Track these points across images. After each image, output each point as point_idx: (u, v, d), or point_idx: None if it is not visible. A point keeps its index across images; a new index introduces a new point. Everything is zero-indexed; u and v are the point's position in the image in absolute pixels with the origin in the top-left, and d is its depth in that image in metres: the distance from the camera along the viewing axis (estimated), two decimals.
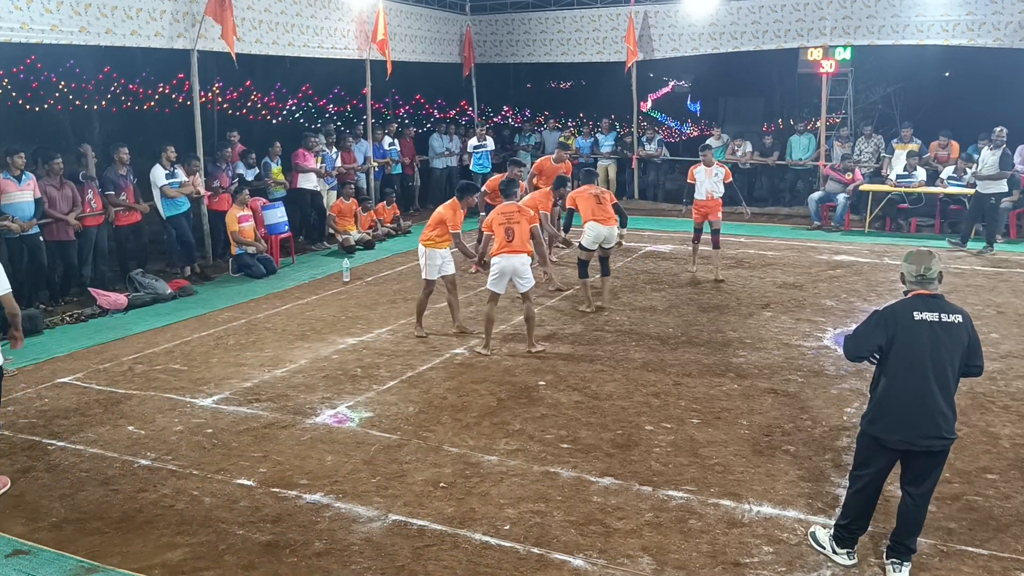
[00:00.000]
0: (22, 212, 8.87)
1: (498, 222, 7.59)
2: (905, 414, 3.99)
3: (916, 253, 4.16)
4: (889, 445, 4.05)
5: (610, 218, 8.81)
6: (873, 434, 4.10)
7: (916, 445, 3.99)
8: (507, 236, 7.51)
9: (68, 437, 5.92)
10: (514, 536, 4.54)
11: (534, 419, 6.12)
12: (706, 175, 10.28)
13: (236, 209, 11.03)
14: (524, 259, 7.56)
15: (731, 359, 7.41)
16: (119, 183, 10.13)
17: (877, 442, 4.09)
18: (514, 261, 7.49)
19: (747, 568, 4.23)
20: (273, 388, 6.84)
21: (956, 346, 4.00)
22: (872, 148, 14.15)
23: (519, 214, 7.66)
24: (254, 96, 17.30)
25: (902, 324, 4.00)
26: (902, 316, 4.02)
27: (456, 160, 16.39)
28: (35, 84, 15.06)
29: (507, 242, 7.50)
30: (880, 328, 4.05)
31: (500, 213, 7.66)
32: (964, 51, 14.31)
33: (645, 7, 15.53)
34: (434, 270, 8.05)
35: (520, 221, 7.60)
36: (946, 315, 4.01)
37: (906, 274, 4.14)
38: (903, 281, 4.19)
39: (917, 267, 4.09)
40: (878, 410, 4.07)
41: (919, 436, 3.98)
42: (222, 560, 4.36)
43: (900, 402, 4.00)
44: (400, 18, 14.84)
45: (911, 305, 4.05)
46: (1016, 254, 11.66)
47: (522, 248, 7.54)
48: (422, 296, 8.24)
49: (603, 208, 8.81)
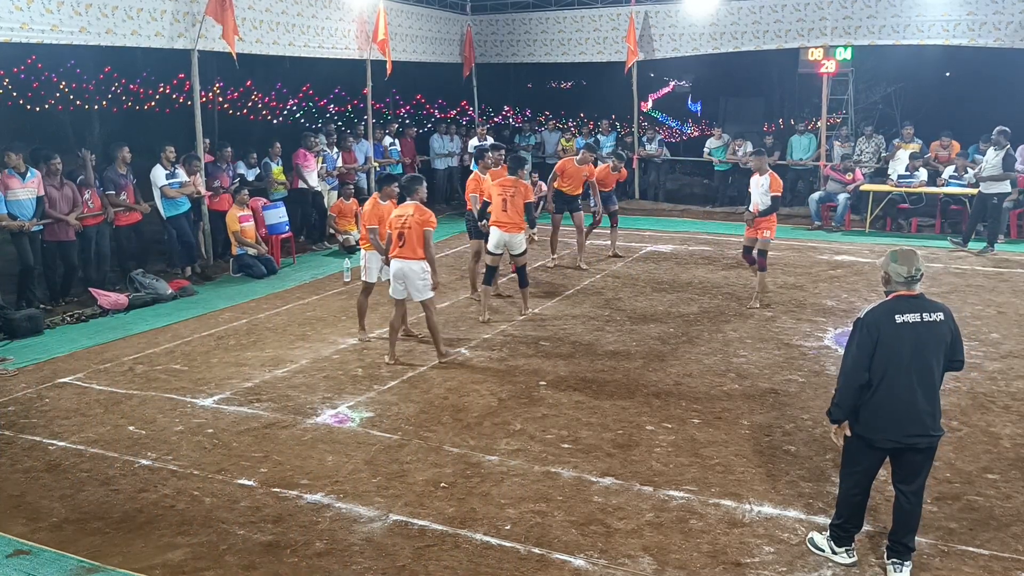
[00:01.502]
0: (24, 209, 8.86)
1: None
2: (891, 415, 4.00)
3: (902, 253, 4.08)
4: (876, 444, 4.07)
5: (514, 225, 8.56)
6: (860, 433, 4.10)
7: (903, 443, 4.02)
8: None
9: (68, 437, 5.92)
10: (515, 536, 4.54)
11: (535, 419, 6.12)
12: (754, 184, 9.04)
13: (236, 209, 11.03)
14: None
15: (732, 359, 7.41)
16: (119, 183, 10.13)
17: (864, 441, 4.10)
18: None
19: (748, 568, 4.23)
20: (274, 388, 6.84)
21: (939, 344, 4.01)
22: (872, 148, 14.15)
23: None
24: (255, 96, 17.32)
25: (884, 329, 3.97)
26: (884, 322, 3.98)
27: (457, 160, 16.39)
28: (35, 84, 15.08)
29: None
30: (865, 338, 3.99)
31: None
32: (965, 51, 14.31)
33: (645, 7, 15.52)
34: (372, 272, 7.91)
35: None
36: (928, 314, 3.99)
37: (892, 275, 4.07)
38: (886, 282, 4.13)
39: (908, 268, 4.02)
40: (864, 411, 4.06)
41: (905, 435, 4.00)
42: (223, 560, 4.36)
43: (885, 404, 4.00)
44: (401, 18, 14.84)
45: (893, 308, 4.01)
46: (1017, 254, 11.65)
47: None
48: (360, 297, 8.09)
49: (508, 212, 8.56)
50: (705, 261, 11.51)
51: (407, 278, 7.25)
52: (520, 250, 8.68)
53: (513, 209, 8.55)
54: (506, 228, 8.57)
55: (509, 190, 8.57)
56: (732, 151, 15.57)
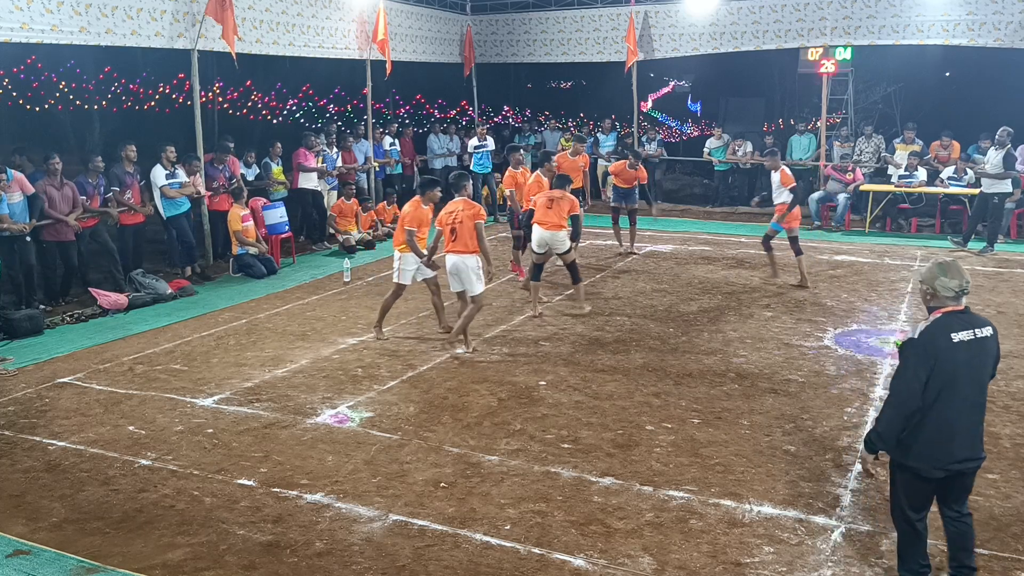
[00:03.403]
0: (12, 213, 8.80)
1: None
2: (941, 441, 3.69)
3: (950, 266, 3.71)
4: (924, 474, 3.75)
5: (556, 224, 8.79)
6: (909, 465, 3.76)
7: (952, 469, 3.73)
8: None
9: (68, 437, 5.92)
10: (515, 536, 4.54)
11: (535, 419, 6.12)
12: (773, 182, 10.09)
13: (238, 209, 11.03)
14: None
15: (732, 359, 7.41)
16: (125, 180, 10.14)
17: (911, 473, 3.77)
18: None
19: (748, 568, 4.23)
20: (274, 388, 6.84)
21: (989, 360, 3.77)
22: (872, 148, 14.15)
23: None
24: (254, 96, 17.31)
25: (943, 351, 3.62)
26: (941, 341, 3.63)
27: (456, 160, 16.38)
28: (35, 84, 15.08)
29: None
30: (922, 361, 3.64)
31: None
32: (965, 51, 14.32)
33: (645, 7, 15.53)
34: (407, 274, 7.88)
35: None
36: (979, 330, 3.71)
37: (940, 289, 3.71)
38: (931, 297, 3.77)
39: (959, 281, 3.68)
40: (910, 439, 3.73)
41: (955, 461, 3.72)
42: (223, 560, 4.36)
43: (936, 430, 3.68)
44: (401, 18, 14.84)
45: (946, 325, 3.67)
46: (1016, 254, 11.65)
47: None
48: (389, 298, 8.05)
49: (552, 211, 8.81)
50: (705, 261, 11.51)
51: (461, 272, 7.44)
52: (565, 248, 8.87)
53: (557, 210, 8.82)
54: (548, 227, 8.78)
55: (556, 199, 8.93)
56: (732, 151, 15.58)
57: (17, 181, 8.93)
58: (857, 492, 5.00)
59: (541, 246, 8.91)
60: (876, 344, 7.80)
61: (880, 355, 7.48)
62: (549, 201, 8.90)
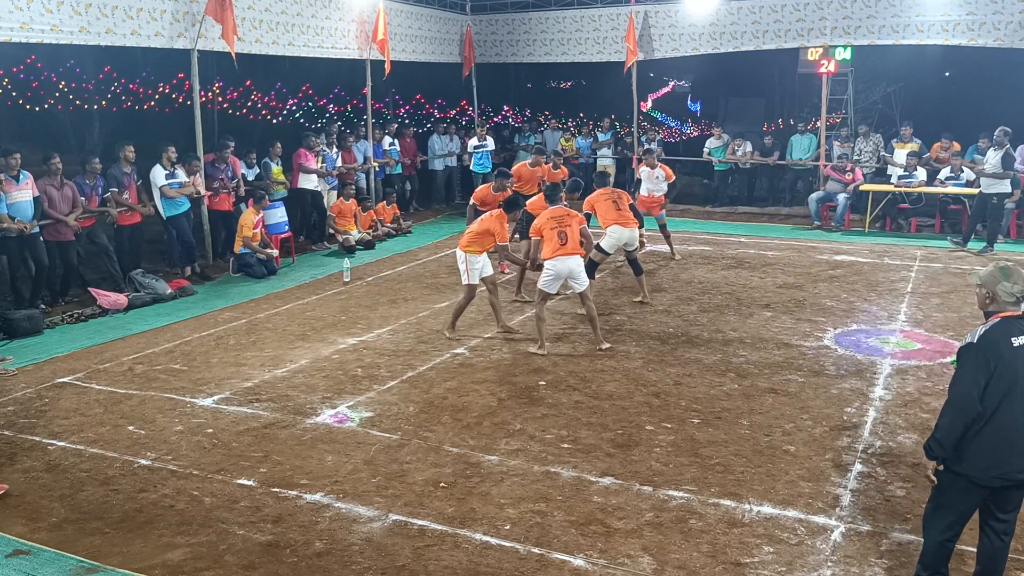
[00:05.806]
0: (22, 212, 8.86)
1: (549, 226, 7.73)
2: (1003, 449, 3.60)
3: (1012, 269, 3.61)
4: (981, 482, 3.64)
5: (631, 220, 9.10)
6: (962, 472, 3.65)
7: (1011, 479, 3.63)
8: (560, 239, 7.65)
9: (68, 437, 5.92)
10: (514, 536, 4.54)
11: (534, 419, 6.12)
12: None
13: (253, 214, 10.97)
14: (578, 260, 7.72)
15: (731, 359, 7.41)
16: (123, 180, 10.13)
17: (967, 479, 3.66)
18: (569, 263, 7.63)
19: (747, 568, 4.23)
20: (273, 388, 6.84)
21: None
22: (872, 148, 14.16)
23: (569, 217, 7.81)
24: (254, 96, 17.30)
25: (1004, 355, 3.54)
26: (1003, 346, 3.55)
27: (456, 160, 16.38)
28: (35, 84, 15.07)
29: (560, 245, 7.64)
30: (981, 366, 3.56)
31: (551, 217, 7.79)
32: (964, 51, 14.32)
33: (645, 7, 15.52)
34: (476, 274, 8.08)
35: (571, 224, 7.74)
36: None
37: (1001, 294, 3.63)
38: (990, 301, 3.68)
39: (1021, 286, 3.60)
40: (969, 446, 3.63)
41: (1016, 470, 3.62)
42: (222, 560, 4.36)
43: (997, 437, 3.59)
44: (400, 18, 14.84)
45: (1005, 330, 3.59)
46: (1016, 254, 11.64)
47: (575, 250, 7.68)
48: (463, 301, 8.16)
49: (623, 211, 9.09)
50: (705, 261, 11.51)
51: (573, 273, 7.66)
52: (636, 244, 9.25)
53: (625, 207, 9.12)
54: (630, 225, 9.04)
55: (616, 198, 9.18)
56: (732, 151, 15.58)
57: (30, 182, 9.03)
58: (857, 492, 5.00)
59: (614, 247, 9.12)
60: (876, 344, 7.81)
61: (880, 355, 7.49)
62: (614, 202, 9.11)
